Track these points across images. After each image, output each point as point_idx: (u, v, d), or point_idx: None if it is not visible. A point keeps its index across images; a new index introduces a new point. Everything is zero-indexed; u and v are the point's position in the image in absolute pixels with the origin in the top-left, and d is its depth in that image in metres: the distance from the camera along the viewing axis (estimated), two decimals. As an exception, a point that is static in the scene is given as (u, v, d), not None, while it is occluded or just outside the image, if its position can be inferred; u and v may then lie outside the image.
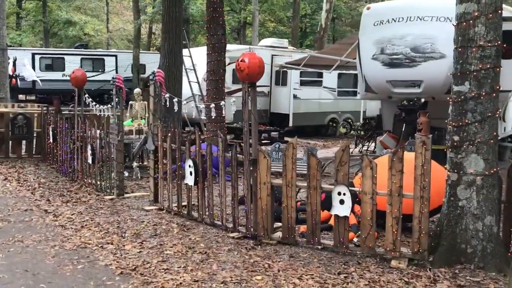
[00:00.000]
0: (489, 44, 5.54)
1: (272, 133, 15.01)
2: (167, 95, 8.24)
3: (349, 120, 21.63)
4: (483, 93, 5.58)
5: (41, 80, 25.73)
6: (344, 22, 42.90)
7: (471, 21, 5.58)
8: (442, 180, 6.02)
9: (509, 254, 5.84)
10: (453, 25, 5.85)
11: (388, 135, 12.05)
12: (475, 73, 5.60)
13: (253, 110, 6.35)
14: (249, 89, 6.32)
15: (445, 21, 10.28)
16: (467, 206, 5.67)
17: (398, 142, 11.70)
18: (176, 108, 8.38)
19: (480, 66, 5.57)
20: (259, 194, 6.36)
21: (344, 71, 19.10)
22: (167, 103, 8.23)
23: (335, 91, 20.66)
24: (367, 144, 15.27)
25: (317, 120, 20.30)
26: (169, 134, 7.82)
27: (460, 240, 5.68)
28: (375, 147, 13.57)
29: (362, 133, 16.36)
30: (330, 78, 19.79)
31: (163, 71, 9.20)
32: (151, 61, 29.87)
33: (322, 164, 7.07)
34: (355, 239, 6.32)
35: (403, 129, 11.73)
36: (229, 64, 13.17)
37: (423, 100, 12.12)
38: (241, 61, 6.22)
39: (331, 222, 6.74)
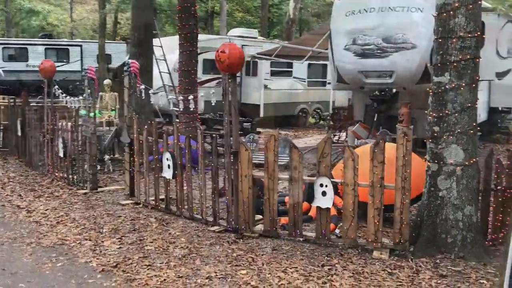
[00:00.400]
0: (469, 35, 5.57)
1: (244, 124, 14.87)
2: (142, 86, 8.08)
3: (318, 110, 21.69)
4: (463, 84, 5.62)
5: (3, 71, 25.00)
6: (310, 12, 42.86)
7: (451, 12, 5.60)
8: (418, 170, 6.05)
9: (486, 243, 5.95)
10: (433, 15, 5.87)
11: (360, 125, 12.09)
12: (455, 64, 5.63)
13: (233, 101, 6.26)
14: (230, 80, 6.22)
15: (417, 12, 10.34)
16: (447, 196, 5.72)
17: (370, 132, 11.76)
18: (152, 100, 8.22)
19: (460, 57, 5.60)
20: (240, 187, 6.29)
21: (313, 62, 19.12)
22: (143, 95, 8.08)
23: (305, 81, 20.68)
24: (338, 134, 15.32)
25: (287, 111, 20.28)
26: (146, 127, 7.65)
27: (440, 230, 5.73)
28: (346, 136, 13.62)
29: (331, 123, 16.42)
30: (300, 68, 19.78)
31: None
32: (117, 51, 29.38)
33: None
34: (336, 231, 6.32)
35: (374, 119, 11.79)
36: (199, 54, 12.99)
37: (394, 90, 12.22)
38: (221, 52, 6.08)
39: (311, 213, 6.75)
